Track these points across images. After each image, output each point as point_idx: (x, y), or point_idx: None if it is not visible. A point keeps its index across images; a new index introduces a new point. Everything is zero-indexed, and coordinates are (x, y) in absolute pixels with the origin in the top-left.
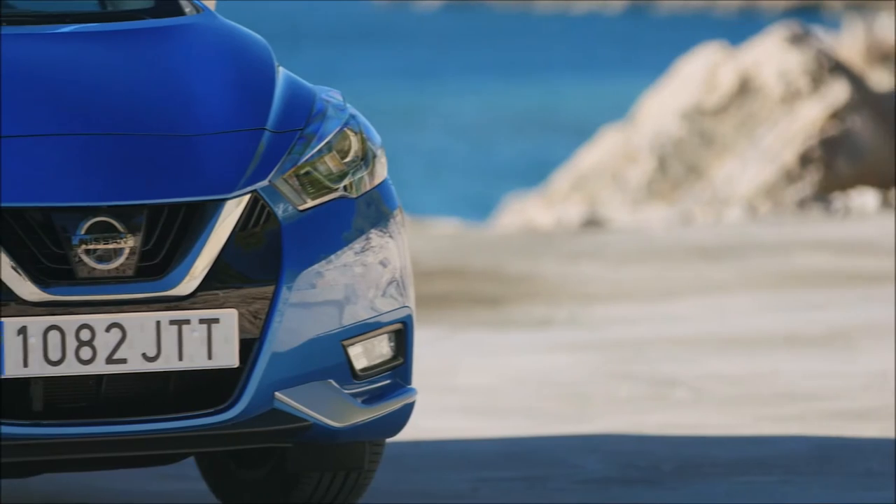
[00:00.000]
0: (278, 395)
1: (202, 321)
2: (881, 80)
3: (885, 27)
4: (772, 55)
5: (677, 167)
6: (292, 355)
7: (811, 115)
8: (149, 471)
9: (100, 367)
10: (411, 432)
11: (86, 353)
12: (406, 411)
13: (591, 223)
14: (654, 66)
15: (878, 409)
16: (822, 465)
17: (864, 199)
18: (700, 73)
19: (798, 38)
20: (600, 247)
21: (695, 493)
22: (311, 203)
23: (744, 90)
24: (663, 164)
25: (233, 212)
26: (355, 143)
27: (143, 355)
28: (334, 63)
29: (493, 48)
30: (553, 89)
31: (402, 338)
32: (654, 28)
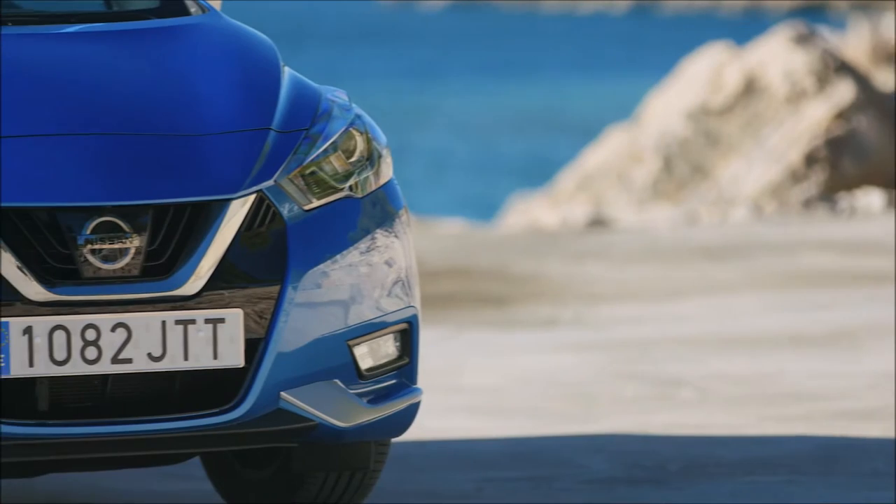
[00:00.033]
0: (284, 394)
1: (208, 321)
2: (887, 80)
3: (891, 27)
4: (777, 55)
5: (683, 167)
6: (298, 355)
7: (817, 115)
8: (154, 470)
9: (105, 367)
10: (417, 432)
11: (91, 352)
12: (411, 411)
13: (597, 223)
14: (659, 66)
15: (884, 408)
16: (828, 465)
17: (870, 199)
18: (705, 73)
19: (803, 38)
20: (606, 247)
21: (700, 492)
22: (316, 203)
23: (749, 90)
24: (669, 164)
25: (238, 212)
26: (361, 142)
27: (149, 355)
28: (339, 63)
29: (498, 48)
30: (558, 89)
31: (408, 338)
32: (659, 28)
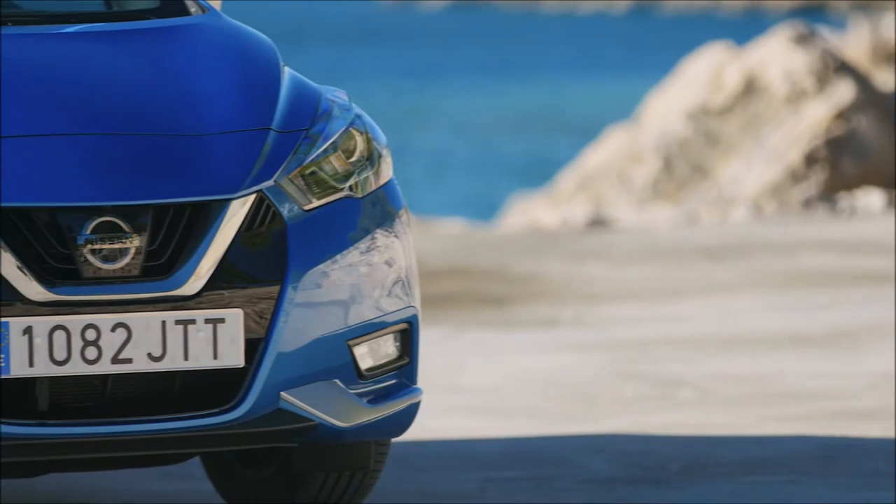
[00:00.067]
0: (284, 394)
1: (208, 321)
2: (887, 80)
3: (891, 27)
4: (777, 55)
5: (683, 167)
6: (298, 355)
7: (817, 115)
8: (154, 470)
9: (105, 367)
10: (417, 432)
11: (91, 352)
12: (412, 411)
13: (597, 223)
14: (659, 66)
15: (884, 408)
16: (828, 465)
17: (870, 199)
18: (705, 73)
19: (803, 38)
20: (606, 247)
21: (700, 492)
22: (316, 203)
23: (749, 90)
24: (669, 164)
25: (238, 212)
26: (361, 142)
27: (149, 355)
28: (339, 63)
29: (498, 48)
30: (558, 89)
31: (408, 337)
32: (659, 28)
